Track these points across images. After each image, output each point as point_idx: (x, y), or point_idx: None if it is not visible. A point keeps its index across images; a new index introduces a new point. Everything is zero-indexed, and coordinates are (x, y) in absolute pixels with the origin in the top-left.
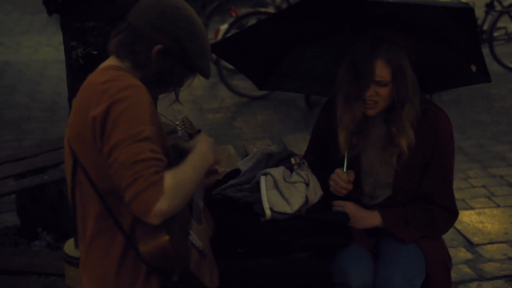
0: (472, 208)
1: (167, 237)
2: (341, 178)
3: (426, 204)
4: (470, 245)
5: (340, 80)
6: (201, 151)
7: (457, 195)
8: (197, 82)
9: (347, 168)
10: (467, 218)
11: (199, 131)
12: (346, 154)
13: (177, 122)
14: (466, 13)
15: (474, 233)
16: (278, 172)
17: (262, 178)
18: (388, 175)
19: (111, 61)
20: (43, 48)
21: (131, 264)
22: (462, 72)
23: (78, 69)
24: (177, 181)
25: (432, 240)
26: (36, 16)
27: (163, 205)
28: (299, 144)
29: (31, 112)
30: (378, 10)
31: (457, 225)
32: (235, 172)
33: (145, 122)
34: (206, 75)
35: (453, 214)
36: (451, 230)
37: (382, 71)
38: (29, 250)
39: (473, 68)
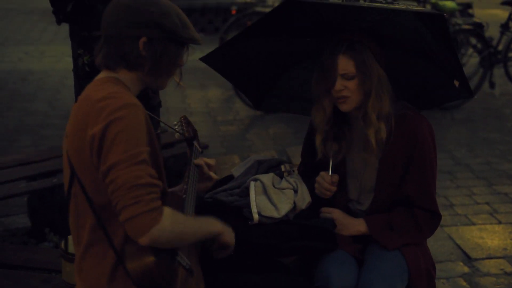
0: (473, 224)
1: (152, 259)
2: (325, 180)
3: (409, 208)
4: (468, 259)
5: (312, 83)
6: (211, 219)
7: (460, 210)
8: (214, 95)
9: (333, 173)
10: (468, 234)
11: (194, 137)
12: (331, 159)
13: (175, 122)
14: (438, 19)
15: (473, 248)
16: (267, 178)
17: (252, 184)
18: (372, 179)
19: (105, 73)
20: (65, 58)
21: (123, 275)
22: (446, 88)
23: (84, 76)
24: (175, 219)
25: (416, 247)
26: (61, 26)
27: (156, 231)
28: None
29: (49, 119)
30: (357, 23)
31: (457, 239)
32: (229, 178)
33: (142, 143)
34: (196, 41)
35: (436, 217)
36: (451, 244)
37: (346, 64)
38: (32, 247)
39: (456, 83)
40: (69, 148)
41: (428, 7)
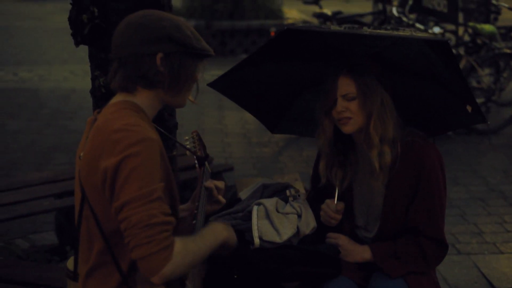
0: (502, 253)
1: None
2: (330, 208)
3: (416, 237)
4: None
5: (316, 106)
6: (216, 229)
7: (488, 238)
8: (250, 117)
9: (339, 199)
10: (495, 262)
11: (206, 157)
12: (337, 187)
13: (186, 137)
14: (442, 46)
15: (499, 277)
16: (271, 202)
17: (255, 208)
18: (379, 206)
19: (122, 96)
20: None
21: None
22: (459, 113)
23: (101, 97)
24: (186, 251)
25: (421, 276)
26: None
27: (168, 270)
28: None
29: None
30: (363, 48)
31: (483, 268)
32: (237, 201)
33: (156, 179)
34: (210, 52)
35: (443, 247)
36: (475, 272)
37: (346, 85)
38: (44, 264)
39: (469, 108)
40: (82, 172)
41: (455, 30)
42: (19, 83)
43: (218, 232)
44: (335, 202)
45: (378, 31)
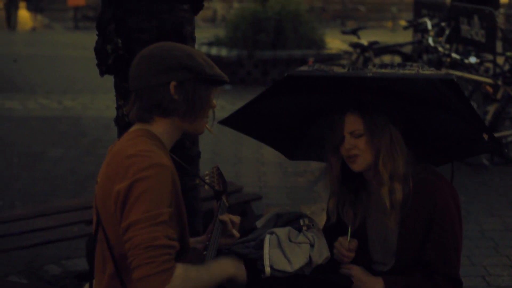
0: None
1: None
2: (343, 246)
3: (429, 273)
4: None
5: (325, 144)
6: (224, 263)
7: None
8: None
9: (354, 236)
10: None
11: (223, 192)
12: (349, 225)
13: (206, 172)
14: (449, 83)
15: None
16: (283, 232)
17: (267, 237)
18: (393, 242)
19: (139, 125)
20: None
21: None
22: (475, 141)
23: (124, 126)
24: (186, 277)
25: None
26: None
27: None
28: None
29: None
30: (371, 83)
31: None
32: (253, 229)
33: (164, 204)
34: (223, 78)
35: (457, 284)
36: None
37: (354, 122)
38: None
39: (485, 136)
40: (97, 196)
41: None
42: (62, 111)
43: (225, 267)
44: (348, 240)
45: (383, 70)
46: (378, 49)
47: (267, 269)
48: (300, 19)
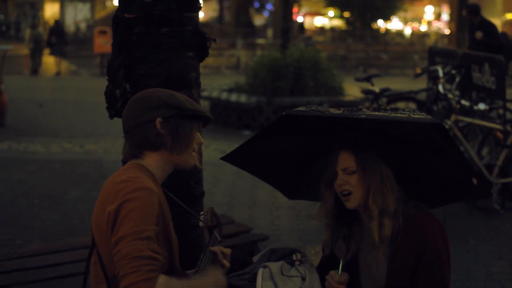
0: None
1: None
2: (334, 279)
3: None
4: None
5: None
6: (206, 279)
7: None
8: None
9: (346, 269)
10: None
11: (215, 227)
12: (341, 258)
13: (202, 212)
14: (438, 127)
15: None
16: (276, 265)
17: (260, 270)
18: (383, 277)
19: (132, 161)
20: None
21: None
22: (464, 185)
23: None
24: (168, 286)
25: None
26: None
27: None
28: None
29: None
30: (366, 126)
31: None
32: (250, 264)
33: (149, 222)
34: (203, 113)
35: None
36: None
37: (346, 159)
38: None
39: (474, 181)
40: (93, 220)
41: None
42: (84, 155)
43: (207, 281)
44: (339, 273)
45: (376, 113)
46: (392, 96)
47: None
48: (319, 66)
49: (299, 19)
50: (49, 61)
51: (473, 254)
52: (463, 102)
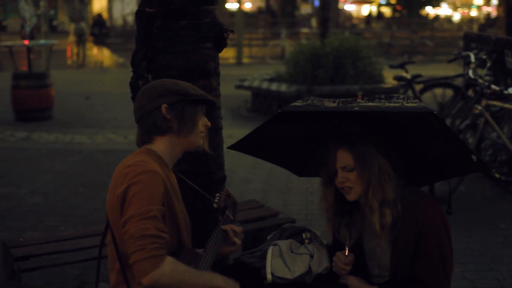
0: None
1: None
2: (340, 260)
3: (419, 286)
4: None
5: (321, 175)
6: (215, 274)
7: None
8: None
9: (352, 252)
10: None
11: (227, 207)
12: (346, 244)
13: (217, 194)
14: (428, 117)
15: None
16: (285, 243)
17: (270, 248)
18: (387, 260)
19: (142, 147)
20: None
21: None
22: (463, 162)
23: None
24: (176, 268)
25: None
26: None
27: (155, 275)
28: None
29: None
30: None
31: None
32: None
33: (154, 203)
34: (206, 97)
35: None
36: None
37: (344, 157)
38: None
39: (474, 158)
40: (107, 204)
41: None
42: (127, 145)
43: (215, 278)
44: (346, 253)
45: (370, 103)
46: (427, 82)
47: (269, 276)
48: (359, 54)
49: (347, 7)
50: (92, 54)
51: (502, 238)
52: (493, 87)
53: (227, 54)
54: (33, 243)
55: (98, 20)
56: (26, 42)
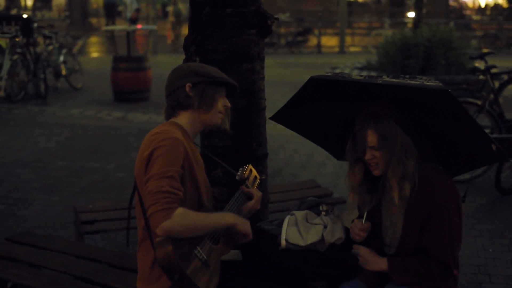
0: None
1: (170, 247)
2: (357, 226)
3: (426, 258)
4: None
5: (347, 151)
6: (225, 214)
7: None
8: None
9: (370, 221)
10: None
11: (246, 179)
12: (365, 210)
13: (240, 168)
14: (443, 94)
15: None
16: (302, 214)
17: (287, 217)
18: (399, 229)
19: (170, 120)
20: None
21: None
22: (484, 151)
23: None
24: (185, 215)
25: None
26: None
27: (167, 225)
28: None
29: None
30: (385, 92)
31: None
32: None
33: (173, 164)
34: (227, 80)
35: (448, 270)
36: None
37: (373, 137)
38: None
39: (493, 147)
40: (136, 167)
41: None
42: None
43: (225, 216)
44: (363, 221)
45: (392, 79)
46: (494, 74)
47: (283, 242)
48: (452, 45)
49: None
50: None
51: None
52: None
53: (331, 42)
54: (100, 210)
55: None
56: (139, 26)
